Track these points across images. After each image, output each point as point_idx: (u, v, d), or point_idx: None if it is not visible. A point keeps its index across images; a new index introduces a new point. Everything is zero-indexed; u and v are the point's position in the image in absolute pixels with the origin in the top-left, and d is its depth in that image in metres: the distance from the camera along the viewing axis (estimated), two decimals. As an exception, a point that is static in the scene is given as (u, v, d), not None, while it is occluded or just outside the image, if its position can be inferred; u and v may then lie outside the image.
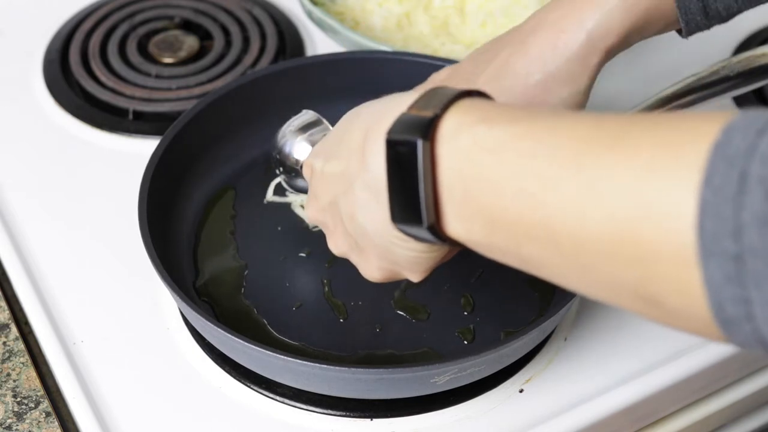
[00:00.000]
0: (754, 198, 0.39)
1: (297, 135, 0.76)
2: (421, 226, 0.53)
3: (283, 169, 0.76)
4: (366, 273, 0.63)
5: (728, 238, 0.40)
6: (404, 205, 0.53)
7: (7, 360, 0.73)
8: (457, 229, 0.53)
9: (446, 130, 0.52)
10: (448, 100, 0.53)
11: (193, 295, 0.76)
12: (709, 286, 0.41)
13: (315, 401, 0.71)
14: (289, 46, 0.98)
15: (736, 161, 0.40)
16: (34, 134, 0.90)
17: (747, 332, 0.41)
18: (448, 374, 0.66)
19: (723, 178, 0.40)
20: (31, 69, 0.96)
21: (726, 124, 0.41)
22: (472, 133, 0.51)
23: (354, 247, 0.61)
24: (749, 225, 0.39)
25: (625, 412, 0.72)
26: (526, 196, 0.48)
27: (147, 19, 1.01)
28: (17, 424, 0.69)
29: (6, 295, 0.78)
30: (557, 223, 0.46)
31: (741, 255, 0.39)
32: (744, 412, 0.85)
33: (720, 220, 0.40)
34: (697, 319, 0.43)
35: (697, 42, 1.01)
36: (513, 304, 0.76)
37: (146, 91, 0.93)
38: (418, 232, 0.54)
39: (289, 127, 0.76)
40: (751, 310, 0.40)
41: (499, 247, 0.51)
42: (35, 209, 0.84)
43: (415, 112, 0.53)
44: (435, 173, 0.52)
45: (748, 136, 0.40)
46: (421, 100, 0.54)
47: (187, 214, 0.81)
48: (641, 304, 0.45)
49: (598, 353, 0.75)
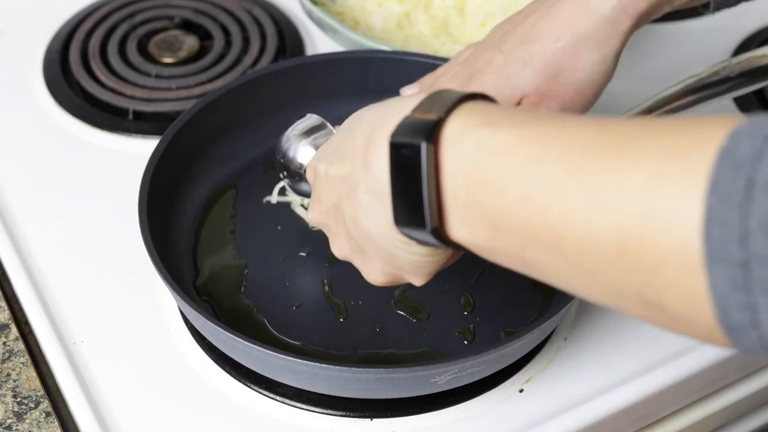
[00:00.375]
0: (761, 205, 0.39)
1: (301, 139, 0.76)
2: (424, 229, 0.53)
3: (287, 173, 0.76)
4: (369, 277, 0.63)
5: (734, 245, 0.39)
6: (407, 209, 0.53)
7: (7, 360, 0.73)
8: (461, 233, 0.52)
9: (450, 133, 0.52)
10: (452, 103, 0.53)
11: (193, 294, 0.76)
12: (714, 293, 0.41)
13: (315, 401, 0.71)
14: (289, 46, 0.98)
15: (743, 168, 0.40)
16: (34, 134, 0.90)
17: (753, 339, 0.41)
18: (449, 374, 0.66)
19: (729, 184, 0.40)
20: (31, 69, 0.96)
21: (732, 130, 0.41)
22: (476, 136, 0.51)
23: (357, 250, 0.61)
24: (756, 232, 0.39)
25: (625, 412, 0.72)
26: (531, 200, 0.48)
27: (147, 19, 1.01)
28: (17, 424, 0.69)
29: (6, 295, 0.78)
30: (562, 228, 0.46)
31: (747, 262, 0.39)
32: (744, 412, 0.85)
33: (726, 227, 0.40)
34: (702, 325, 0.43)
35: (697, 42, 1.01)
36: (513, 304, 0.76)
37: (146, 91, 0.93)
38: (421, 236, 0.54)
39: (294, 131, 0.76)
40: (757, 317, 0.40)
41: (503, 251, 0.51)
42: (35, 209, 0.84)
43: (418, 115, 0.53)
44: (438, 176, 0.52)
45: (755, 142, 0.40)
46: (424, 104, 0.54)
47: (187, 213, 0.81)
48: (646, 310, 0.45)
49: (598, 353, 0.75)
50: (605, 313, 0.77)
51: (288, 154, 0.76)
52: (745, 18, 1.04)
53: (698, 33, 1.02)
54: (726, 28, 1.03)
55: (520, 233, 0.49)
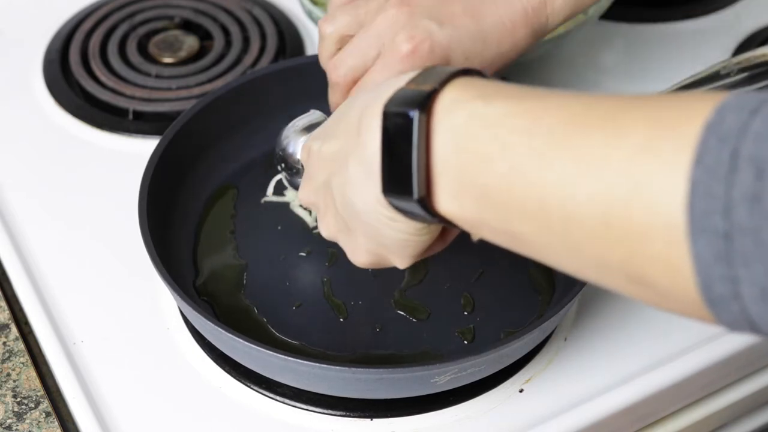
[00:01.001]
0: (745, 176, 0.39)
1: (301, 134, 0.75)
2: (411, 198, 0.53)
3: (285, 165, 0.76)
4: (353, 257, 0.62)
5: (718, 216, 0.40)
6: (396, 177, 0.53)
7: (7, 360, 0.73)
8: (448, 205, 0.53)
9: (443, 104, 0.52)
10: (446, 76, 0.53)
11: (193, 294, 0.76)
12: (697, 264, 0.41)
13: (315, 401, 0.71)
14: (289, 46, 0.98)
15: (729, 140, 0.40)
16: (34, 134, 0.90)
17: (735, 312, 0.41)
18: (448, 374, 0.66)
19: (714, 156, 0.40)
20: (31, 69, 0.96)
21: (719, 104, 0.41)
22: (469, 108, 0.51)
23: (343, 228, 0.61)
24: (739, 203, 0.39)
25: (626, 412, 0.72)
26: (518, 173, 0.48)
27: (147, 19, 1.01)
28: (17, 424, 0.69)
29: (6, 295, 0.78)
30: (548, 200, 0.47)
31: (730, 233, 0.40)
32: (744, 412, 0.85)
33: (710, 199, 0.40)
34: (686, 299, 0.43)
35: (697, 42, 1.01)
36: (513, 304, 0.76)
37: (146, 91, 0.93)
38: (407, 206, 0.54)
39: (294, 126, 0.76)
40: (739, 289, 0.40)
41: (490, 225, 0.51)
42: (35, 209, 0.84)
43: (413, 86, 0.54)
44: (429, 147, 0.52)
45: (741, 116, 0.40)
46: (419, 76, 0.55)
47: (187, 213, 0.81)
48: (630, 285, 0.45)
49: (598, 353, 0.75)
50: (605, 313, 0.77)
51: (287, 149, 0.75)
52: (745, 18, 1.04)
53: (698, 33, 1.02)
54: (726, 28, 1.03)
55: (506, 205, 0.49)
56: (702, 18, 1.03)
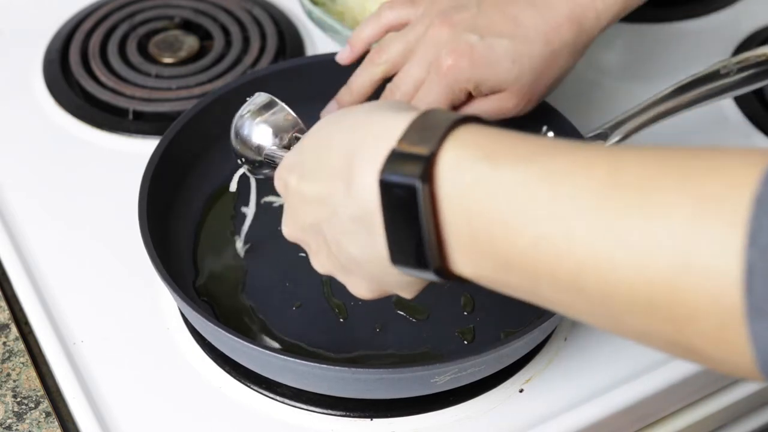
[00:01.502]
0: None
1: (255, 123, 0.72)
2: (426, 269, 0.51)
3: (246, 158, 0.73)
4: (355, 292, 0.60)
5: None
6: (406, 250, 0.51)
7: (7, 360, 0.73)
8: (466, 269, 0.50)
9: (445, 168, 0.49)
10: (442, 132, 0.50)
11: (192, 294, 0.76)
12: (756, 344, 0.40)
13: (315, 401, 0.71)
14: (289, 46, 0.98)
15: None
16: (34, 134, 0.90)
17: None
18: (449, 374, 0.66)
19: None
20: (31, 69, 0.96)
21: (766, 173, 0.39)
22: (475, 171, 0.48)
23: (341, 268, 0.59)
24: None
25: (625, 412, 0.72)
26: (547, 242, 0.45)
27: (147, 19, 1.01)
28: (17, 424, 0.69)
29: (6, 295, 0.78)
30: (584, 271, 0.44)
31: None
32: (744, 412, 0.85)
33: None
34: (741, 369, 0.42)
35: (697, 42, 1.01)
36: (513, 304, 0.75)
37: (146, 91, 0.93)
38: (421, 274, 0.52)
39: (243, 116, 0.73)
40: None
41: (513, 286, 0.49)
42: (35, 209, 0.84)
43: (406, 147, 0.50)
44: (436, 214, 0.49)
45: None
46: (412, 133, 0.51)
47: (187, 214, 0.81)
48: (675, 349, 0.44)
49: (598, 353, 0.75)
50: (605, 313, 0.77)
51: (242, 136, 0.72)
52: (745, 18, 1.04)
53: (698, 33, 1.02)
54: (726, 28, 1.03)
55: (534, 272, 0.46)
56: (702, 18, 1.03)
